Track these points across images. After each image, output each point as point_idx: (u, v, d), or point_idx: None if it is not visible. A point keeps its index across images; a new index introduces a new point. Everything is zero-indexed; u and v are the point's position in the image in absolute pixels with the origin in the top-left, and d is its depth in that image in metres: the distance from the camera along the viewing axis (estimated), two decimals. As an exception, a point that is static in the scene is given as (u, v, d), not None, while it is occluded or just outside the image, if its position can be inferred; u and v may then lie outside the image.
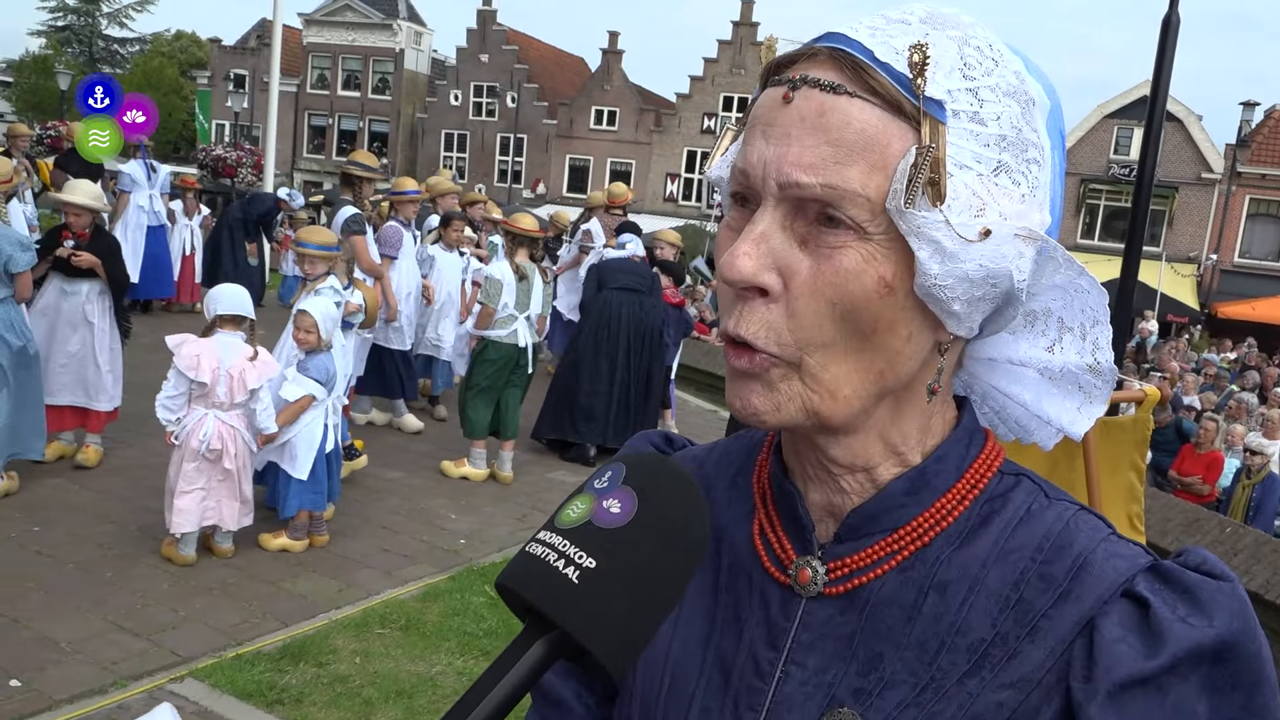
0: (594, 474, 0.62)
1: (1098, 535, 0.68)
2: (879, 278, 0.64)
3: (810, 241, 0.65)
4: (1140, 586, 0.64)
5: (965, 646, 0.67)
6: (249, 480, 4.84)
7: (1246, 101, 30.13)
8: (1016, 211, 0.65)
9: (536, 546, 0.58)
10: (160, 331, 6.99)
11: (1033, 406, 0.76)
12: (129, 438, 6.40)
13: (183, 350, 4.58)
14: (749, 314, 0.66)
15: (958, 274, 0.64)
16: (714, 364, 12.22)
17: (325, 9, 41.25)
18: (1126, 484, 2.28)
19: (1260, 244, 30.12)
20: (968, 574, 0.69)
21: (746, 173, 0.67)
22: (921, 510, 0.71)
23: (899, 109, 0.63)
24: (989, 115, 0.64)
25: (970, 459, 0.73)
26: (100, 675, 3.75)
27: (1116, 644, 0.62)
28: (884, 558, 0.71)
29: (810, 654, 0.71)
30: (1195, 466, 8.92)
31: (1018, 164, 0.66)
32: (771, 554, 0.76)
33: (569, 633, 0.55)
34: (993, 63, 0.66)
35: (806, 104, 0.64)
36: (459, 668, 4.12)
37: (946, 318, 0.67)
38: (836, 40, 0.66)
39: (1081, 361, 0.73)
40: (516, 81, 38.40)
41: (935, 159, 0.62)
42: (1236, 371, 15.95)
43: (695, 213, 34.20)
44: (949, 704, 0.66)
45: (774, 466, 0.78)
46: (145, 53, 49.75)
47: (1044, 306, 0.73)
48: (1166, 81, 8.35)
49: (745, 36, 35.20)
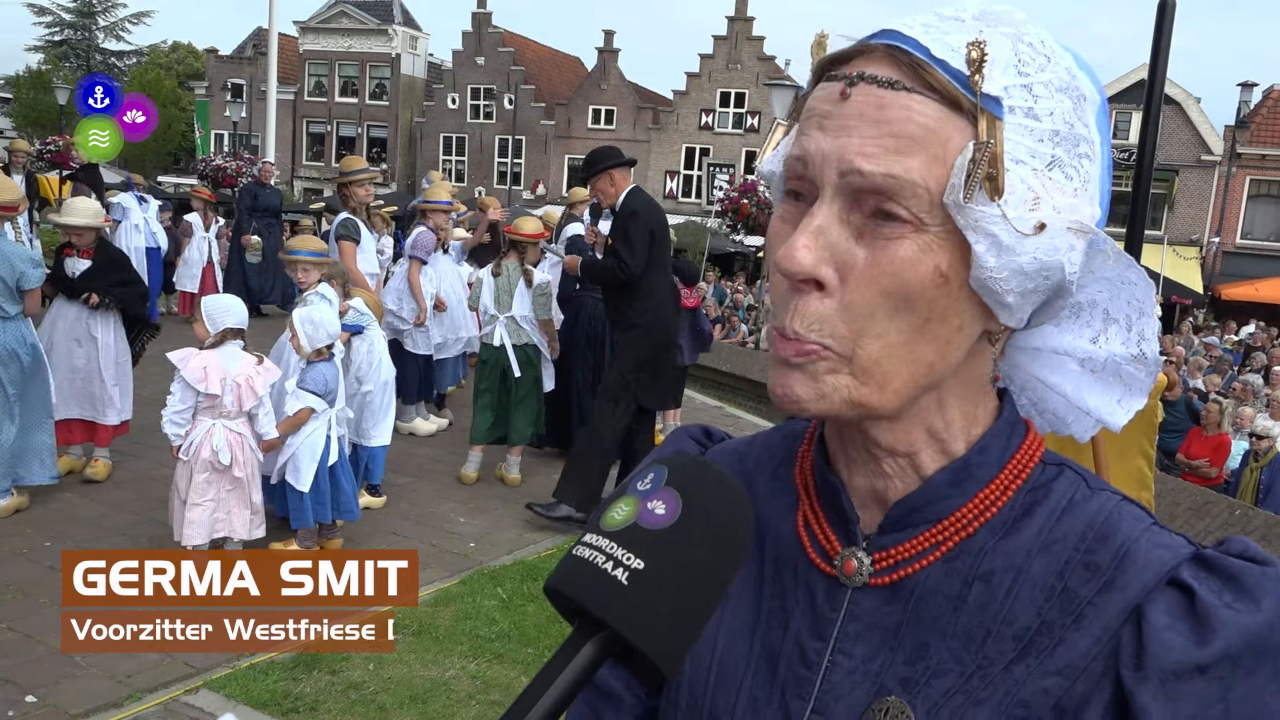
0: (635, 475, 0.63)
1: (1140, 525, 0.69)
2: (934, 267, 0.65)
3: (866, 234, 0.65)
4: (1185, 574, 0.64)
5: (1011, 635, 0.68)
6: (258, 489, 4.85)
7: (1245, 82, 30.04)
8: (1069, 205, 0.66)
9: (584, 549, 0.59)
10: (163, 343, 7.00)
11: (1073, 397, 0.76)
12: (137, 450, 6.42)
13: (189, 365, 4.58)
14: (803, 308, 0.66)
15: (1013, 267, 0.65)
16: (717, 360, 12.23)
17: (320, 16, 41.29)
18: (1136, 470, 2.28)
19: (1262, 225, 30.04)
20: (1012, 563, 0.70)
21: (805, 161, 0.67)
22: (965, 501, 0.72)
23: (956, 105, 0.64)
24: (1043, 111, 0.66)
25: (1012, 449, 0.74)
26: (115, 688, 3.76)
27: (1165, 631, 0.62)
28: (929, 548, 0.72)
29: (857, 644, 0.73)
30: (1203, 450, 8.92)
31: (1070, 158, 0.67)
32: (816, 545, 0.77)
33: (620, 633, 0.56)
34: (1045, 59, 0.67)
35: (865, 99, 0.65)
36: (472, 671, 4.13)
37: (999, 309, 0.68)
38: (892, 37, 0.66)
39: (1126, 352, 0.74)
40: (513, 83, 38.41)
41: (993, 154, 0.63)
42: (1240, 354, 15.92)
43: (695, 209, 34.19)
44: (995, 691, 0.67)
45: (816, 457, 0.79)
46: (143, 65, 49.86)
47: (1089, 299, 0.73)
48: (1164, 65, 8.32)
49: (741, 32, 35.17)
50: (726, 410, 10.47)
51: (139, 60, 51.35)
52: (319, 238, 6.95)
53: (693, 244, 28.39)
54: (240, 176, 16.96)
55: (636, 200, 5.92)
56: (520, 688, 2.71)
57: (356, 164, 7.20)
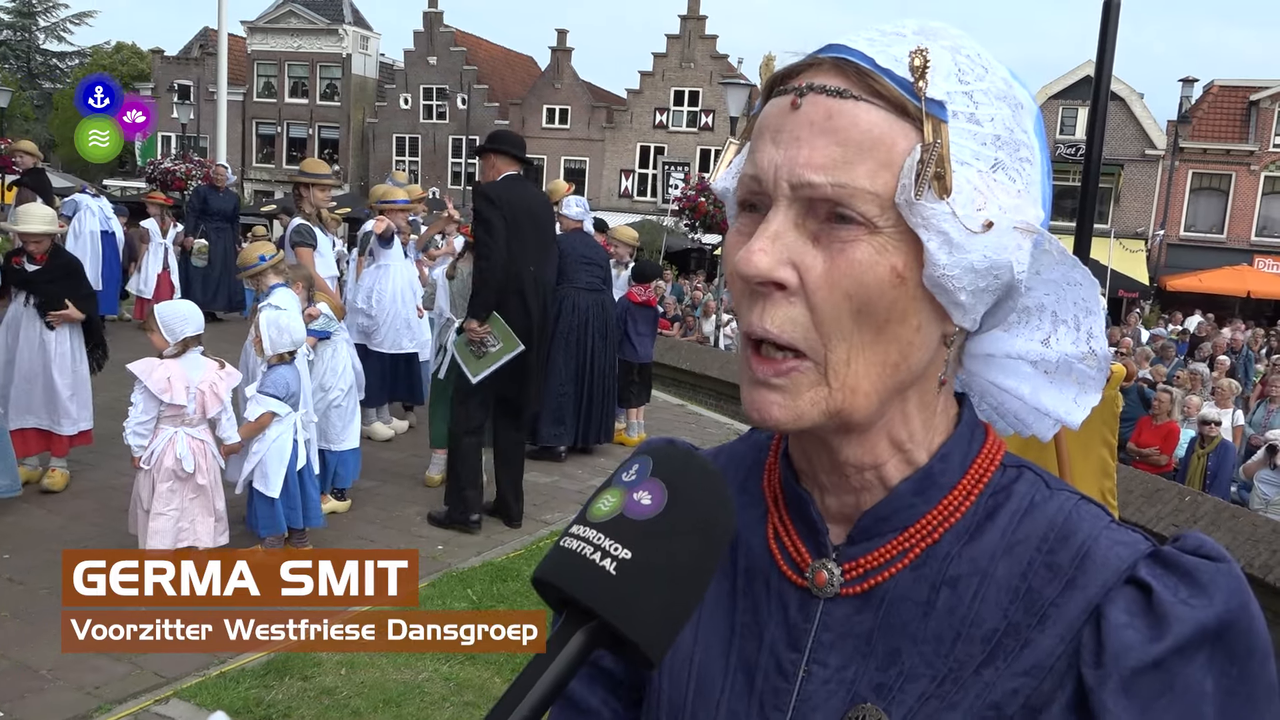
0: (620, 468, 0.64)
1: (1099, 524, 0.71)
2: (891, 268, 0.67)
3: (822, 238, 0.68)
4: (1142, 572, 0.67)
5: (979, 637, 0.70)
6: (220, 496, 4.80)
7: (1186, 78, 30.71)
8: (1014, 205, 0.69)
9: (571, 540, 0.60)
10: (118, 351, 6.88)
11: (1030, 399, 0.79)
12: (95, 459, 6.32)
13: (154, 376, 4.52)
14: (772, 309, 0.68)
15: (964, 264, 0.67)
16: (677, 358, 12.30)
17: (268, 16, 40.71)
18: (1099, 460, 2.35)
19: (1204, 217, 30.75)
20: (977, 567, 0.72)
21: (758, 178, 0.70)
22: (930, 508, 0.74)
23: (902, 110, 0.67)
24: (984, 116, 0.69)
25: (973, 454, 0.76)
26: (84, 700, 3.72)
27: (1123, 629, 0.65)
28: (896, 557, 0.74)
29: (831, 653, 0.74)
30: (1153, 438, 9.13)
31: (1012, 162, 0.70)
32: (787, 558, 0.78)
33: (609, 622, 0.58)
34: (983, 69, 0.70)
35: (814, 109, 0.68)
36: (445, 674, 4.13)
37: (953, 308, 0.70)
38: (838, 51, 0.69)
39: (1077, 351, 0.76)
40: (466, 83, 38.18)
41: (940, 154, 0.66)
42: (1184, 344, 16.29)
43: (651, 208, 34.25)
44: (967, 693, 0.69)
45: (784, 471, 0.81)
46: (85, 66, 48.79)
47: (1037, 302, 0.76)
48: (1110, 62, 8.49)
49: (694, 30, 35.26)
50: (688, 408, 10.52)
51: (81, 61, 50.26)
52: (273, 242, 6.88)
53: (649, 243, 28.43)
54: (190, 179, 16.70)
55: (495, 186, 5.61)
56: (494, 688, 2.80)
57: (319, 167, 7.15)
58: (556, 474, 7.29)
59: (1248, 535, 5.93)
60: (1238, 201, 30.23)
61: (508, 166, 5.69)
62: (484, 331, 5.54)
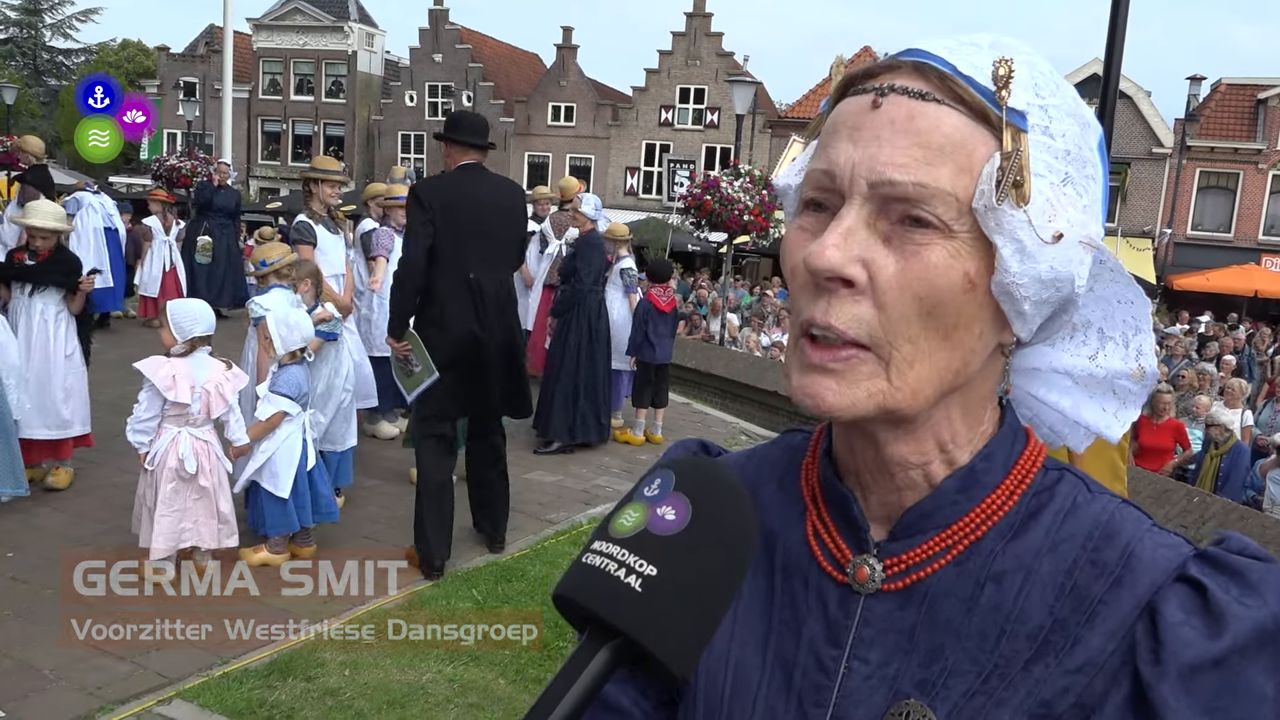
0: (642, 481, 0.63)
1: (1142, 526, 0.72)
2: (964, 273, 0.68)
3: (894, 240, 0.68)
4: (1194, 571, 0.67)
5: (1025, 634, 0.70)
6: (226, 498, 4.78)
7: (1193, 76, 30.59)
8: (1080, 220, 0.70)
9: (594, 557, 0.59)
10: (123, 347, 6.88)
11: (1071, 413, 0.80)
12: (98, 457, 6.31)
13: (159, 374, 4.51)
14: (838, 304, 0.68)
15: (1032, 274, 0.68)
16: (682, 357, 12.26)
17: (274, 13, 40.73)
18: (1109, 462, 2.32)
19: (1211, 216, 30.64)
20: (1022, 564, 0.72)
21: (831, 174, 0.70)
22: (973, 505, 0.74)
23: (983, 117, 0.68)
24: (1057, 131, 0.70)
25: (1016, 456, 0.76)
26: (86, 700, 3.70)
27: (1180, 626, 0.65)
28: (939, 553, 0.74)
29: (872, 649, 0.74)
30: (1161, 438, 9.05)
31: (1080, 177, 0.72)
32: (827, 554, 0.78)
33: (636, 640, 0.56)
34: (1055, 85, 0.71)
35: (896, 109, 0.68)
36: (449, 674, 4.11)
37: (1015, 317, 0.71)
38: (918, 55, 0.70)
39: (1125, 368, 0.77)
40: (471, 80, 38.16)
41: (1020, 163, 0.66)
42: (1194, 343, 16.24)
43: (656, 206, 34.20)
44: (1017, 690, 0.68)
45: (824, 469, 0.81)
46: (91, 63, 48.84)
47: (1084, 319, 0.77)
48: (1119, 59, 8.45)
49: (699, 28, 35.19)
50: (694, 406, 10.49)
51: (88, 59, 50.29)
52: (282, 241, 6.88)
53: (654, 241, 28.41)
54: (195, 176, 16.68)
55: (431, 184, 5.11)
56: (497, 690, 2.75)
57: (330, 164, 7.13)
58: (561, 473, 7.27)
59: (1257, 536, 5.89)
60: (1245, 200, 30.10)
61: (464, 156, 5.09)
62: (403, 349, 5.02)
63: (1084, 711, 0.66)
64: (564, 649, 4.39)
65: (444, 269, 4.96)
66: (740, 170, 13.06)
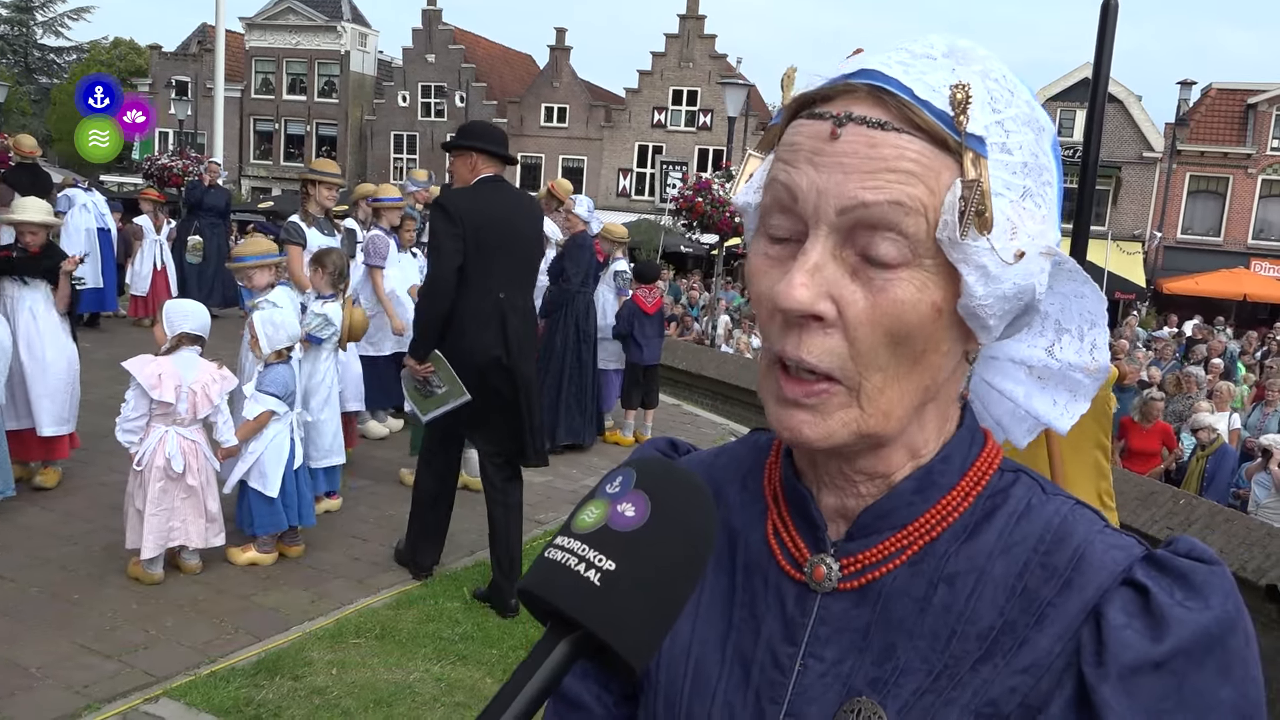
0: (605, 479, 0.65)
1: (1094, 528, 0.72)
2: (932, 304, 0.68)
3: (860, 273, 0.68)
4: (1139, 574, 0.68)
5: (975, 634, 0.71)
6: (213, 497, 4.78)
7: (1184, 81, 30.73)
8: (1039, 231, 0.71)
9: (556, 552, 0.61)
10: (114, 347, 6.86)
11: (1023, 403, 0.81)
12: (87, 456, 6.30)
13: (144, 371, 4.51)
14: (809, 339, 0.69)
15: (997, 294, 0.69)
16: (673, 358, 12.28)
17: (267, 12, 40.67)
18: (1092, 462, 2.34)
19: (1201, 220, 30.78)
20: (974, 566, 0.73)
21: (795, 195, 0.69)
22: (929, 507, 0.75)
23: (942, 144, 0.67)
24: (1014, 145, 0.70)
25: (972, 457, 0.77)
26: (72, 699, 3.70)
27: (1123, 629, 0.66)
28: (894, 553, 0.75)
29: (827, 647, 0.75)
30: (1149, 441, 9.10)
31: (1037, 187, 0.72)
32: (786, 553, 0.79)
33: (593, 632, 0.58)
34: (1009, 94, 0.71)
35: (857, 139, 0.67)
36: (436, 674, 4.11)
37: (980, 330, 0.72)
38: (873, 77, 0.69)
39: (1079, 361, 0.79)
40: (464, 81, 38.16)
41: (982, 191, 0.66)
42: (1182, 346, 16.32)
43: (649, 207, 34.24)
44: (964, 690, 0.70)
45: (785, 470, 0.82)
46: (83, 62, 48.66)
47: (1042, 311, 0.78)
48: (1108, 64, 8.49)
49: (692, 30, 35.25)
50: (684, 408, 10.51)
51: (79, 57, 50.12)
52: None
53: (646, 242, 28.43)
54: (187, 175, 16.63)
55: (460, 195, 4.68)
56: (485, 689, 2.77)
57: (328, 166, 7.11)
58: (550, 474, 7.26)
59: (1241, 539, 5.92)
60: (1235, 204, 30.25)
61: (488, 167, 4.77)
62: (425, 371, 4.65)
63: (1030, 712, 0.67)
64: (551, 649, 4.39)
65: (472, 289, 4.59)
66: (732, 172, 13.10)
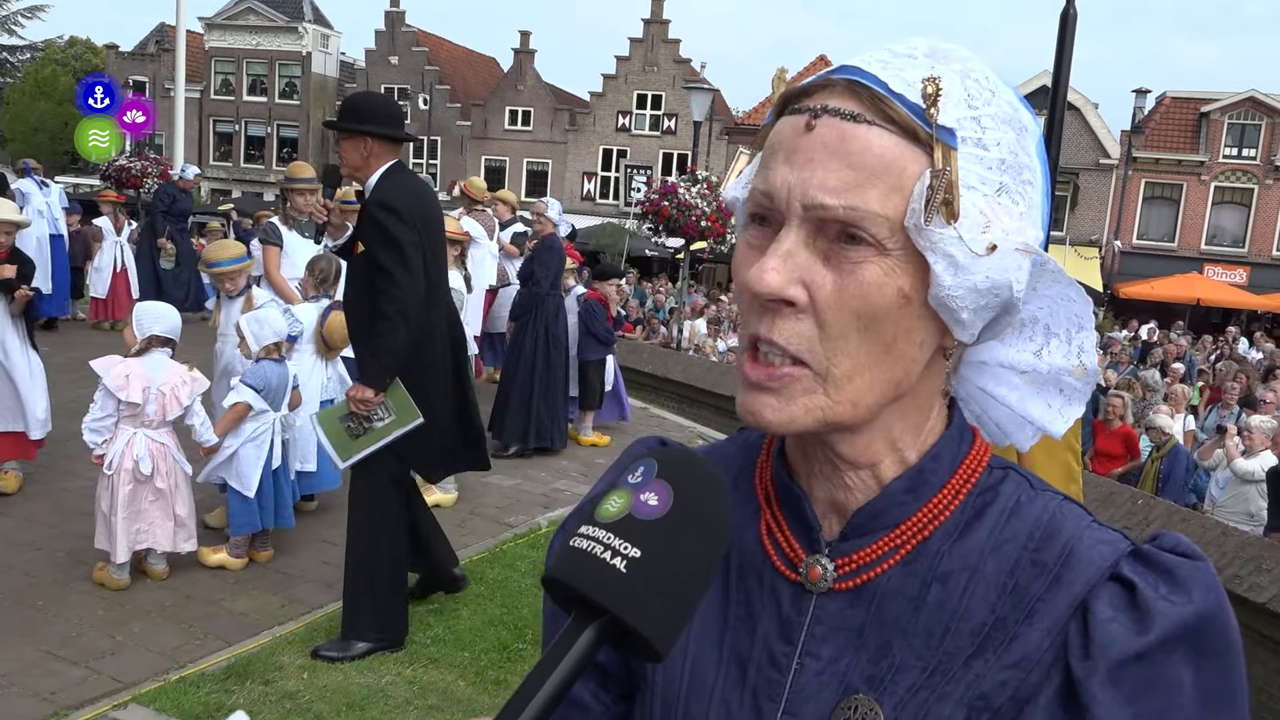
0: (625, 470, 0.67)
1: (1081, 523, 0.75)
2: (898, 289, 0.70)
3: (832, 258, 0.70)
4: (1125, 569, 0.70)
5: (968, 631, 0.73)
6: (183, 501, 4.73)
7: (1139, 89, 31.32)
8: (1016, 228, 0.72)
9: (581, 540, 0.63)
10: (73, 350, 6.76)
11: (1017, 408, 0.82)
12: (48, 460, 6.20)
13: (112, 372, 4.47)
14: (780, 322, 0.71)
15: (968, 285, 0.71)
16: (639, 361, 12.31)
17: (227, 12, 40.16)
18: (1063, 464, 2.38)
19: (1156, 226, 31.36)
20: (967, 564, 0.75)
21: (770, 195, 0.72)
22: (920, 505, 0.77)
23: (914, 136, 0.69)
24: (990, 141, 0.72)
25: (962, 455, 0.79)
26: (39, 706, 3.65)
27: (1109, 623, 0.68)
28: (888, 553, 0.77)
29: (824, 646, 0.77)
30: (1113, 444, 9.25)
31: (1016, 185, 0.73)
32: (781, 553, 0.81)
33: (620, 617, 0.60)
34: (990, 93, 0.73)
35: (829, 131, 0.70)
36: (409, 677, 4.10)
37: (954, 325, 0.73)
38: (852, 73, 0.71)
39: (1067, 364, 0.80)
40: (428, 83, 37.96)
41: (949, 181, 0.68)
42: (1138, 349, 16.62)
43: (613, 211, 34.25)
44: (957, 685, 0.72)
45: (777, 468, 0.83)
46: (37, 61, 47.76)
47: (1031, 315, 0.79)
48: (1067, 72, 8.67)
49: (657, 34, 35.33)
50: (650, 411, 10.53)
51: (33, 56, 49.16)
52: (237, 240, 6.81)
53: (611, 246, 28.44)
54: (145, 177, 16.39)
55: (394, 190, 3.95)
56: (457, 692, 2.79)
57: (303, 171, 7.03)
58: (519, 477, 7.27)
59: (1198, 538, 6.05)
60: (1188, 211, 30.86)
61: (385, 151, 4.01)
62: (377, 402, 4.02)
63: (1020, 704, 0.70)
64: (523, 651, 4.40)
65: (425, 299, 4.01)
66: (697, 176, 13.15)
